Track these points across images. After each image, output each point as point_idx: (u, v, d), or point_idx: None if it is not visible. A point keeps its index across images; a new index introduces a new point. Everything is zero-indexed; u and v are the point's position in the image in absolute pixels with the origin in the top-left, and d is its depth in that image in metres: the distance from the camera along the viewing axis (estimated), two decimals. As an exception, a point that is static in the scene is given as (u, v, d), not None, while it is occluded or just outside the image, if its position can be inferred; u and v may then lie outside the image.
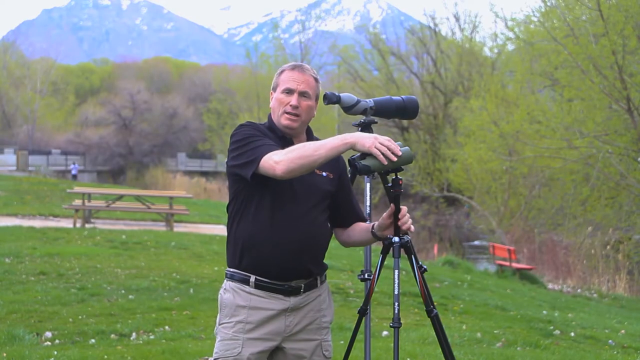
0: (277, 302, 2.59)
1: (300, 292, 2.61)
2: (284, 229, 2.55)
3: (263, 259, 2.56)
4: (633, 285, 15.19)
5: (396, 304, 2.60)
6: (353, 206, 2.81)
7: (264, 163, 2.44)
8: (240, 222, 2.60)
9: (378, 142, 2.37)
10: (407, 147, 2.45)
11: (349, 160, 2.51)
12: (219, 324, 2.63)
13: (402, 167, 2.50)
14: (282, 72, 2.68)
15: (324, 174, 2.67)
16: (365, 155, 2.41)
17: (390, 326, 2.63)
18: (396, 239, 2.63)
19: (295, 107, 2.61)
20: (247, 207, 2.59)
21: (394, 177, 2.54)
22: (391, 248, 2.66)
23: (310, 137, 2.72)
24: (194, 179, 42.71)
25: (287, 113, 2.62)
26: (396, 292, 2.60)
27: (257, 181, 2.50)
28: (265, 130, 2.65)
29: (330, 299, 2.78)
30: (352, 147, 2.40)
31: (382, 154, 2.36)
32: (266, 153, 2.46)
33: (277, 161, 2.41)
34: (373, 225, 2.71)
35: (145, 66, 74.98)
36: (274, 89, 2.68)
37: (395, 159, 2.37)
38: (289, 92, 2.62)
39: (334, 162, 2.68)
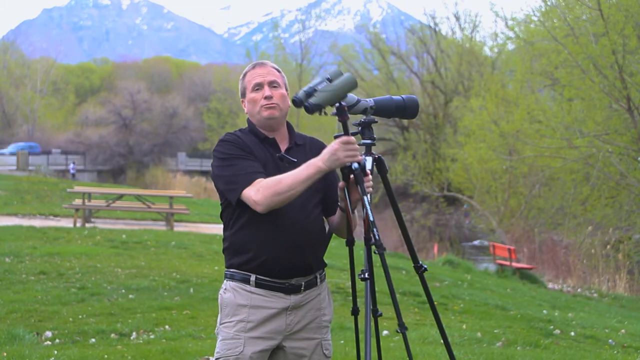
0: (277, 301, 2.59)
1: (300, 290, 2.62)
2: (281, 226, 2.56)
3: (263, 258, 2.57)
4: (633, 284, 15.20)
5: (375, 230, 2.49)
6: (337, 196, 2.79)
7: (245, 198, 2.51)
8: (236, 224, 2.62)
9: (344, 149, 2.44)
10: (348, 73, 2.48)
11: (293, 100, 2.48)
12: (220, 324, 2.64)
13: (349, 92, 2.52)
14: (244, 75, 2.72)
15: None
16: (311, 93, 2.42)
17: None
18: (355, 164, 2.52)
19: (270, 97, 2.63)
20: (242, 212, 2.59)
21: (337, 105, 2.51)
22: (352, 176, 2.55)
23: (291, 132, 2.73)
24: (194, 179, 42.71)
25: (264, 106, 2.63)
26: (371, 219, 2.50)
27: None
28: (247, 140, 2.64)
29: (329, 298, 2.79)
30: (329, 170, 2.47)
31: (352, 155, 2.45)
32: (247, 183, 2.51)
33: (256, 202, 2.48)
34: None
35: (145, 66, 75.03)
36: (244, 94, 2.70)
37: (358, 157, 2.46)
38: (258, 87, 2.65)
39: (313, 152, 2.65)
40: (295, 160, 2.61)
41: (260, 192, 2.47)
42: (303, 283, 2.63)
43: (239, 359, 2.56)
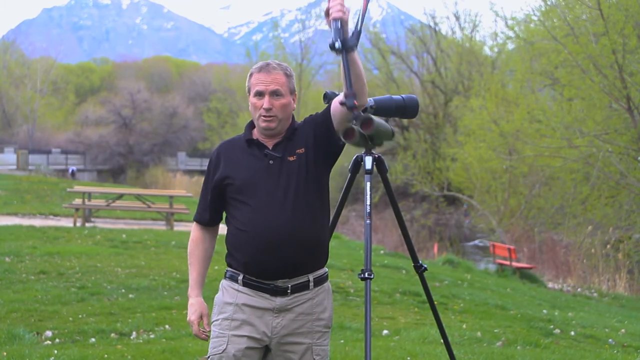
0: (263, 301, 2.60)
1: (287, 292, 2.59)
2: (258, 229, 2.56)
3: (245, 259, 2.60)
4: (633, 284, 15.19)
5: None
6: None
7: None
8: (227, 225, 2.71)
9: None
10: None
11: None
12: (211, 323, 2.69)
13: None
14: (251, 75, 2.67)
15: (294, 157, 2.62)
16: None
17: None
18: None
19: (269, 110, 2.60)
20: (229, 216, 2.69)
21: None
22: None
23: (289, 128, 2.68)
24: (194, 178, 42.69)
25: (262, 116, 2.62)
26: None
27: None
28: (231, 150, 2.73)
29: (329, 302, 2.72)
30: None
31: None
32: (195, 218, 2.84)
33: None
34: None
35: (145, 65, 74.95)
36: (249, 93, 2.69)
37: None
38: (259, 95, 2.62)
39: (299, 136, 2.65)
40: (279, 155, 2.61)
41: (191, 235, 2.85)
42: (289, 285, 2.59)
43: (222, 357, 2.57)
